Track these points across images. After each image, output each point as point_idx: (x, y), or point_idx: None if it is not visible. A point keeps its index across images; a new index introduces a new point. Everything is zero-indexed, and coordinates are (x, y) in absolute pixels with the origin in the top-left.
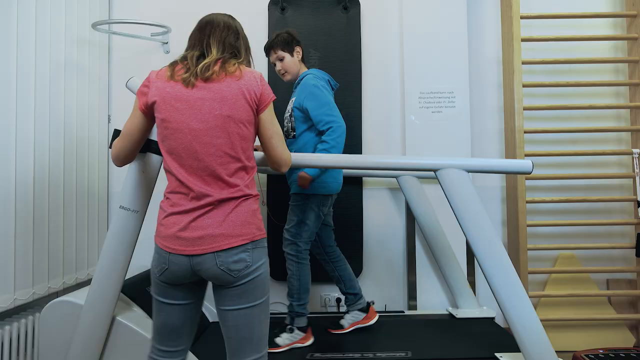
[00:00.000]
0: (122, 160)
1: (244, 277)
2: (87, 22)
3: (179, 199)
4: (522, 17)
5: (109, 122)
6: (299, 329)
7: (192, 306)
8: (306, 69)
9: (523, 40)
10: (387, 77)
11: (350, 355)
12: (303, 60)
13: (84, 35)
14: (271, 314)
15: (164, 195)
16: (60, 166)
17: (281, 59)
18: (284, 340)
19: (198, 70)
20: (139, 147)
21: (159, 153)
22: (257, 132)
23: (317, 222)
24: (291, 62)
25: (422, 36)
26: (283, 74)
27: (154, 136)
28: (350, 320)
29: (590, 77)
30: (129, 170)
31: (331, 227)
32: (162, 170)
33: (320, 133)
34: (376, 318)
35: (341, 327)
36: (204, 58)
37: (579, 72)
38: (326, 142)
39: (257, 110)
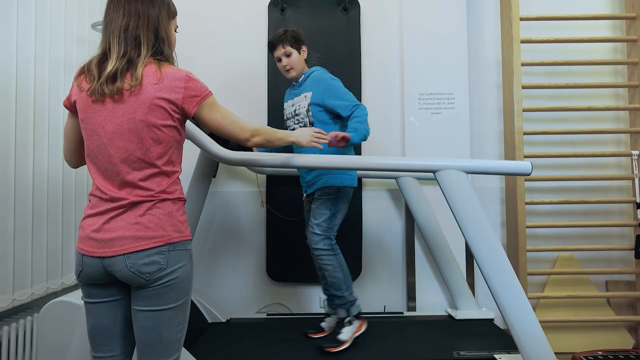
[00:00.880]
0: (70, 163)
1: (157, 279)
2: (87, 22)
3: (97, 201)
4: (521, 19)
5: None
6: (355, 316)
7: (121, 303)
8: (308, 69)
9: (522, 41)
10: (387, 78)
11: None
12: (306, 61)
13: (84, 35)
14: (270, 315)
15: (88, 197)
16: (60, 166)
17: (288, 55)
18: (347, 334)
19: (103, 83)
20: (79, 146)
21: None
22: (206, 127)
23: (345, 214)
24: (298, 59)
25: (421, 37)
26: (288, 70)
27: None
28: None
29: (589, 79)
30: None
31: None
32: None
33: (343, 120)
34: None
35: (322, 329)
36: (106, 64)
37: (578, 73)
38: (357, 116)
39: (186, 113)
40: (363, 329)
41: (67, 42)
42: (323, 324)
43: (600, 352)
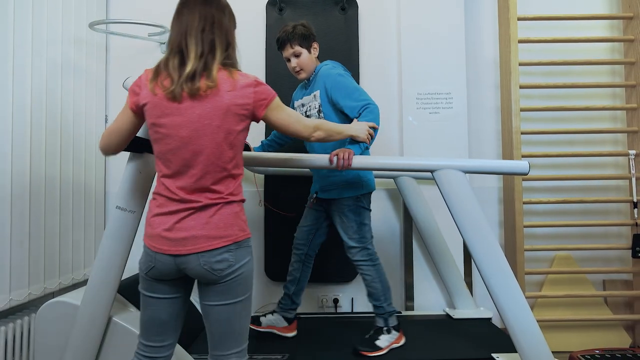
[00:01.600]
0: (109, 153)
1: (227, 275)
2: (84, 22)
3: (165, 200)
4: (519, 19)
5: (105, 122)
6: (394, 328)
7: (179, 300)
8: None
9: (520, 41)
10: (385, 78)
11: None
12: (317, 57)
13: (81, 35)
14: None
15: (153, 193)
16: (57, 166)
17: (297, 55)
18: (384, 342)
19: (183, 82)
20: (128, 141)
21: None
22: (273, 127)
23: (370, 217)
24: (308, 59)
25: (419, 37)
26: (298, 72)
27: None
28: (270, 323)
29: (586, 79)
30: (126, 171)
31: (325, 237)
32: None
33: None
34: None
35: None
36: (185, 64)
37: (575, 73)
38: (364, 118)
39: (255, 116)
40: (401, 342)
41: (64, 43)
42: (263, 318)
43: (597, 351)
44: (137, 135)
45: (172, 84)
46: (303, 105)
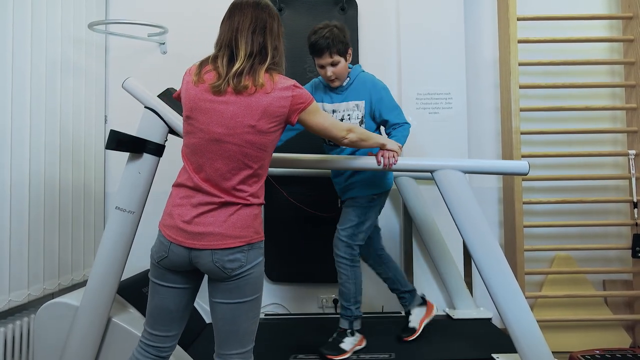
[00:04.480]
0: None
1: (237, 275)
2: (84, 22)
3: (187, 192)
4: (518, 19)
5: (105, 122)
6: (357, 331)
7: (188, 291)
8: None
9: (520, 41)
10: (384, 79)
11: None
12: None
13: (81, 35)
14: (269, 315)
15: (175, 183)
16: (56, 167)
17: (335, 64)
18: (348, 344)
19: (230, 79)
20: None
21: (155, 154)
22: (310, 130)
23: (375, 222)
24: (344, 68)
25: (419, 37)
26: (333, 80)
27: (150, 137)
28: (418, 318)
29: (586, 79)
30: (125, 171)
31: (379, 229)
32: (158, 172)
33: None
34: (435, 308)
35: (412, 330)
36: (234, 61)
37: (575, 73)
38: (406, 129)
39: (289, 120)
40: (363, 344)
41: (63, 43)
42: (411, 324)
43: (597, 352)
44: (135, 135)
45: (219, 78)
46: (334, 111)
